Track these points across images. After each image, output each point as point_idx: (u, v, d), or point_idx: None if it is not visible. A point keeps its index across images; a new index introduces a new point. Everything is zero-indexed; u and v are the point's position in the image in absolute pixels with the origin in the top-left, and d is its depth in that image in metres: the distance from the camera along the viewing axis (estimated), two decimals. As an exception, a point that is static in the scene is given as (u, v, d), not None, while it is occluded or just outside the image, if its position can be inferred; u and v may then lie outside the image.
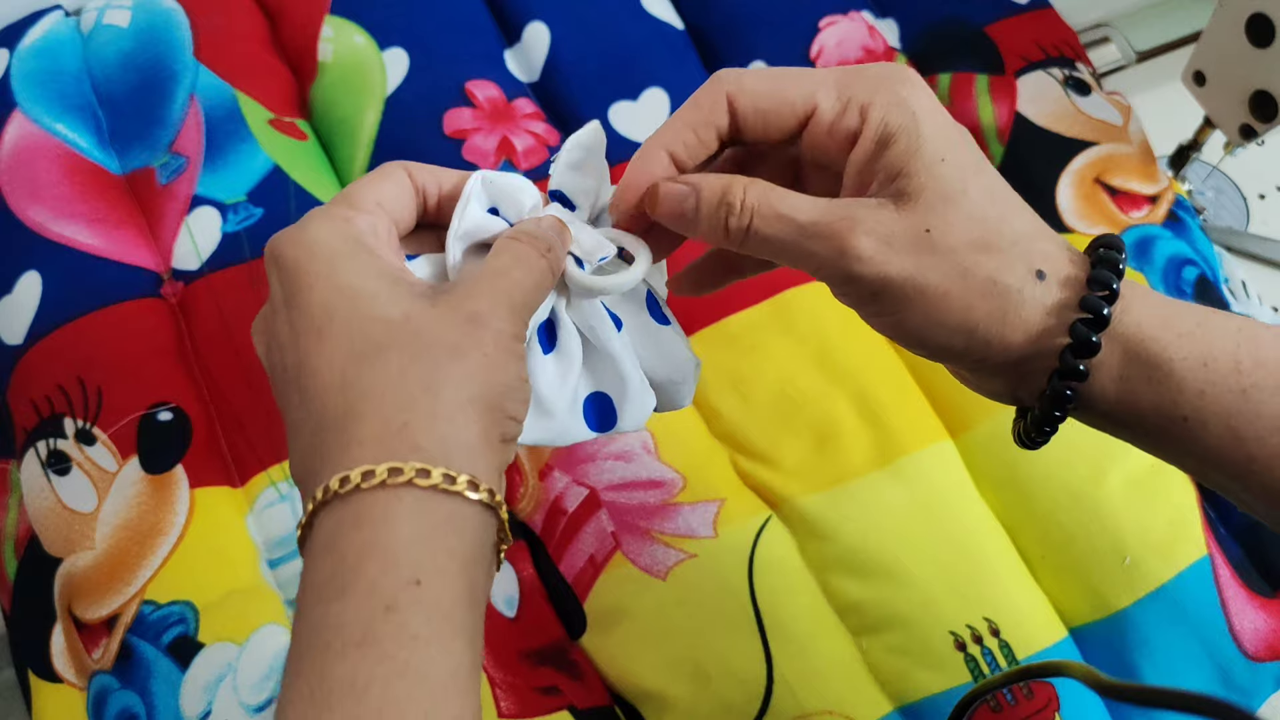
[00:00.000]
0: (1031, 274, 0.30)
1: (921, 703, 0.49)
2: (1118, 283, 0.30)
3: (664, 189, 0.33)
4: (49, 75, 0.60)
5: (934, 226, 0.30)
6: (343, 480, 0.27)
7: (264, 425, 0.52)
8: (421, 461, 0.27)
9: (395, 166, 0.32)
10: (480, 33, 0.64)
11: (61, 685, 0.48)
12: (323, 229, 0.30)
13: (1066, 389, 0.30)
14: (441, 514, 0.27)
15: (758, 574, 0.50)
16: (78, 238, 0.56)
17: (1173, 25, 0.78)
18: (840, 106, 0.31)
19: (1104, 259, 0.31)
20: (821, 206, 0.31)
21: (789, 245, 0.31)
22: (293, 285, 0.29)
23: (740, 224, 0.31)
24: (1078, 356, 0.30)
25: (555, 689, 0.48)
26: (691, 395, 0.37)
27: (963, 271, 0.30)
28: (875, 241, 0.30)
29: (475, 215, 0.32)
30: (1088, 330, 0.30)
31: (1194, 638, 0.50)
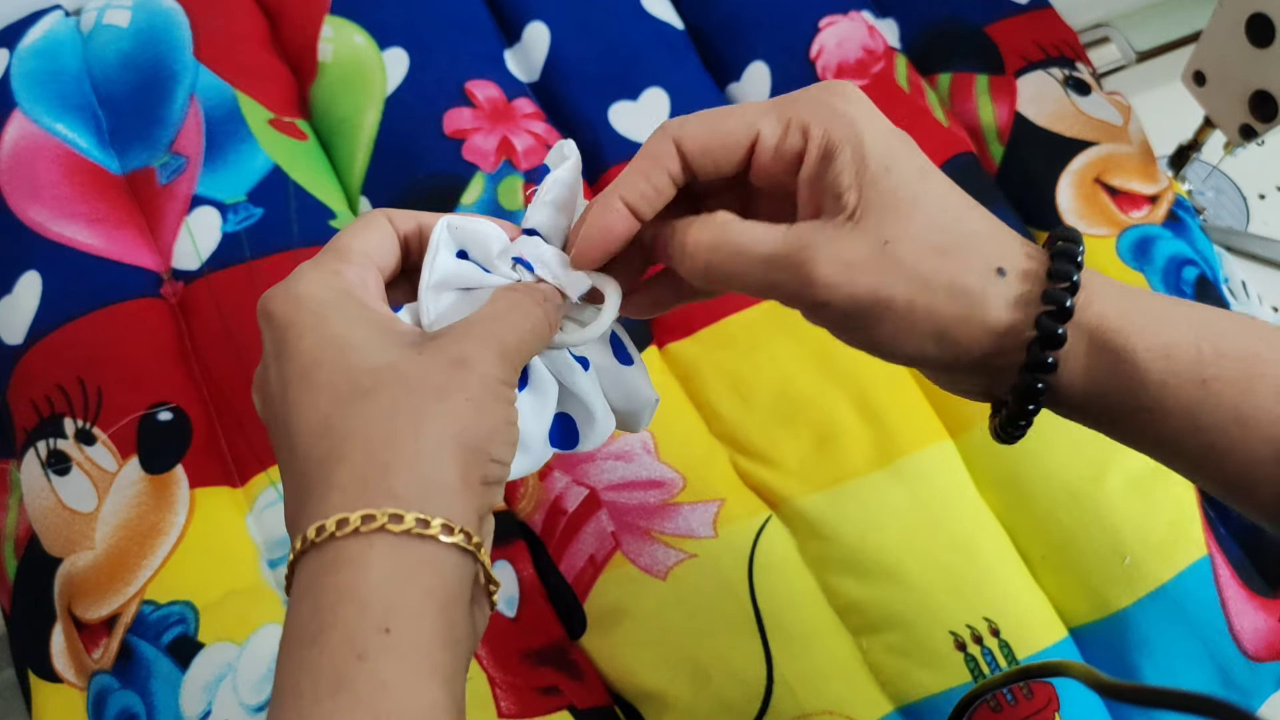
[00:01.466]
0: (992, 272, 0.30)
1: (921, 703, 0.49)
2: (1077, 274, 0.30)
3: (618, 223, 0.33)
4: (49, 75, 0.60)
5: (891, 238, 0.30)
6: (319, 529, 0.27)
7: (264, 426, 0.52)
8: (396, 506, 0.27)
9: (378, 215, 0.33)
10: (480, 33, 0.64)
11: (61, 685, 0.48)
12: (312, 283, 0.30)
13: (1037, 382, 0.31)
14: (414, 558, 0.27)
15: (758, 574, 0.50)
16: (78, 238, 0.56)
17: (1173, 25, 0.78)
18: (782, 130, 0.32)
19: (1061, 251, 0.31)
20: (778, 237, 0.31)
21: (752, 280, 0.32)
22: (282, 337, 0.30)
23: (696, 265, 0.32)
24: (1045, 349, 0.30)
25: (555, 689, 0.48)
26: (647, 424, 0.38)
27: (925, 279, 0.30)
28: (837, 266, 0.30)
29: (445, 264, 0.33)
30: (1053, 323, 0.30)
31: (1194, 638, 0.50)
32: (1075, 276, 0.30)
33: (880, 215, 0.30)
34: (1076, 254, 0.31)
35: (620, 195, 0.33)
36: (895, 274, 0.30)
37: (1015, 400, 0.31)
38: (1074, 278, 0.30)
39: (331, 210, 0.58)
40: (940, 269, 0.30)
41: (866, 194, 0.30)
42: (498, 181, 0.58)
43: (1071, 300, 0.30)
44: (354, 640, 0.26)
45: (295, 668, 0.27)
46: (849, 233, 0.30)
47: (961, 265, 0.30)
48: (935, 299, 0.30)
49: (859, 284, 0.30)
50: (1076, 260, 0.30)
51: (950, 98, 0.65)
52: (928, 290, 0.30)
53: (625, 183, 0.33)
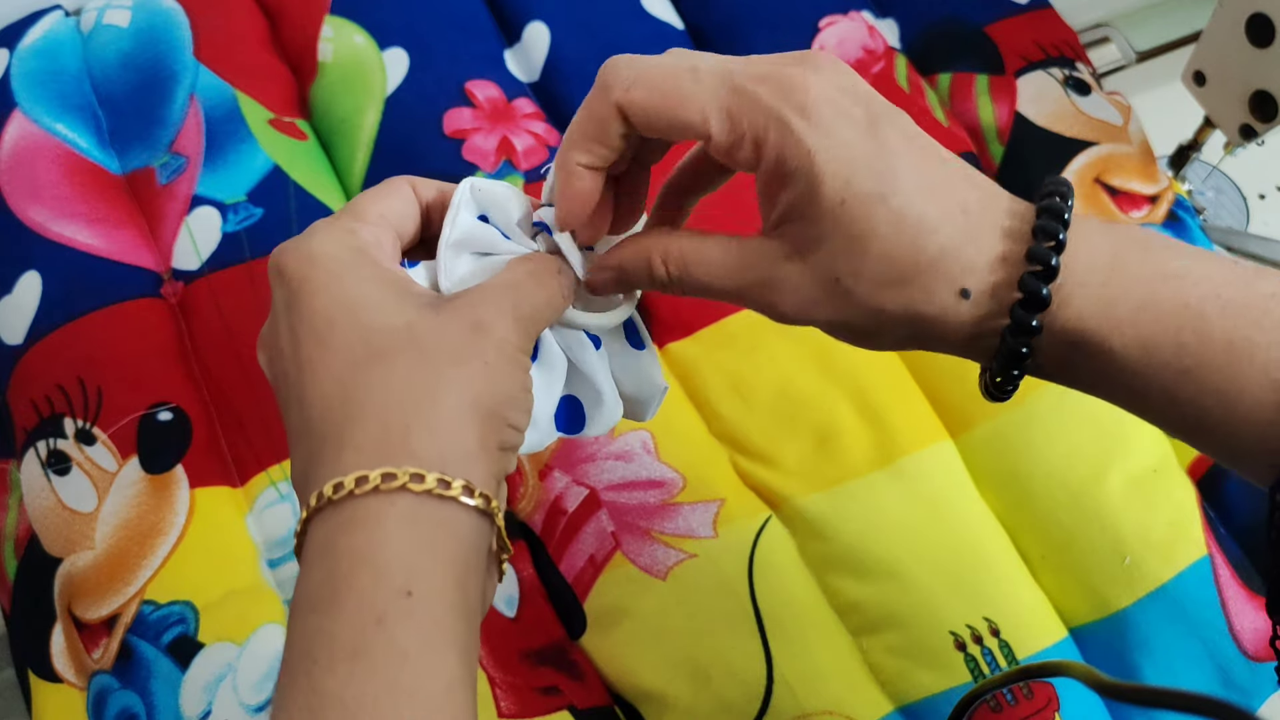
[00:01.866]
0: (955, 295, 0.30)
1: (921, 703, 0.49)
2: (1046, 288, 0.29)
3: (595, 279, 0.34)
4: (49, 75, 0.60)
5: (842, 275, 0.30)
6: (336, 486, 0.27)
7: (264, 425, 0.52)
8: (416, 466, 0.27)
9: (400, 180, 0.32)
10: (480, 33, 0.64)
11: (61, 685, 0.48)
12: (326, 240, 0.30)
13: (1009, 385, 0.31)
14: (435, 520, 0.27)
15: (758, 574, 0.50)
16: (78, 238, 0.56)
17: (1173, 25, 0.78)
18: (734, 138, 0.30)
19: (1035, 254, 0.29)
20: (735, 266, 0.32)
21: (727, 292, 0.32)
22: (294, 294, 0.29)
23: (675, 289, 0.33)
24: (1009, 364, 0.30)
25: (555, 689, 0.48)
26: (654, 413, 0.38)
27: (878, 311, 0.30)
28: (794, 300, 0.31)
29: (466, 223, 0.32)
30: (1016, 342, 0.30)
31: (1194, 638, 0.50)
32: (1045, 291, 0.29)
33: (833, 251, 0.30)
34: (1050, 258, 0.29)
35: (576, 161, 0.32)
36: (847, 307, 0.30)
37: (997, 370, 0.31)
38: (1044, 292, 0.29)
39: (331, 210, 0.58)
40: (894, 300, 0.30)
41: (819, 229, 0.30)
42: (498, 181, 0.58)
43: (1037, 319, 0.29)
44: (372, 604, 0.26)
45: (309, 633, 0.26)
46: (799, 267, 0.30)
47: (917, 294, 0.30)
48: (891, 325, 0.30)
49: (816, 314, 0.31)
50: (1051, 264, 0.29)
51: (950, 98, 0.65)
52: (883, 319, 0.30)
53: (576, 145, 0.32)
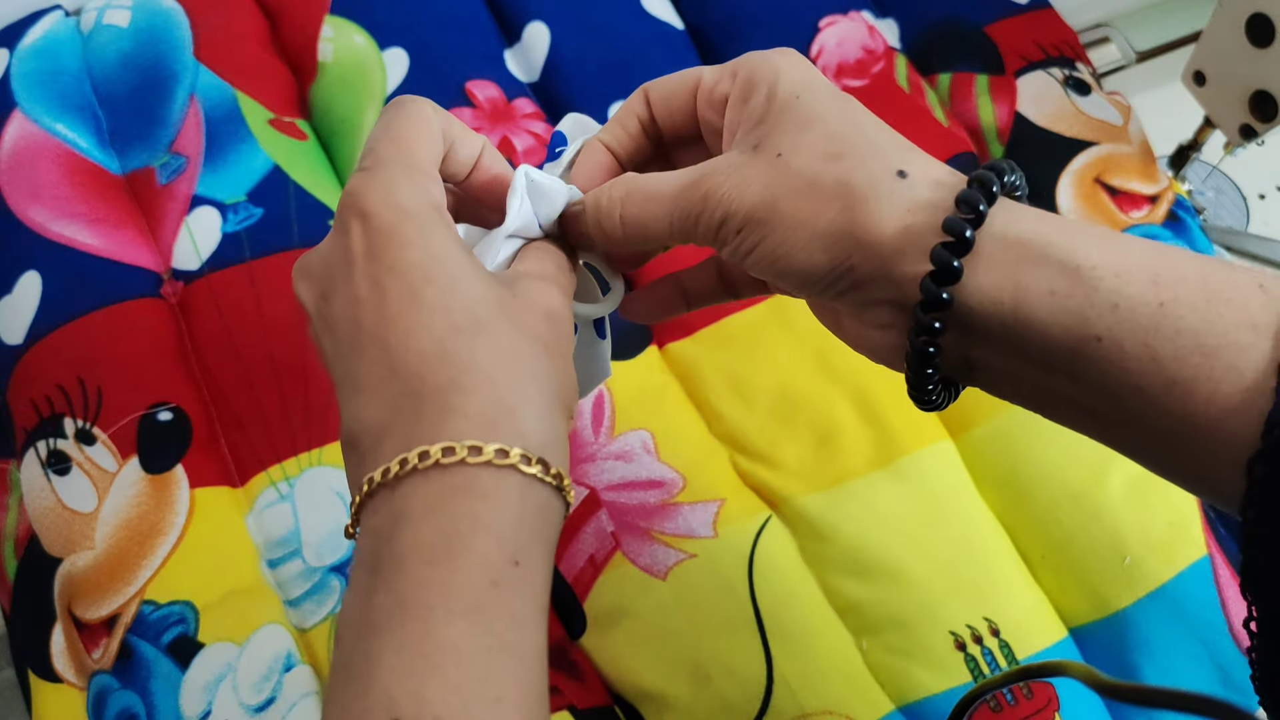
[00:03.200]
0: (890, 174, 0.29)
1: (921, 703, 0.49)
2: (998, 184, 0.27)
3: (569, 213, 0.35)
4: (49, 75, 0.60)
5: (784, 149, 0.30)
6: (446, 450, 0.27)
7: (264, 425, 0.52)
8: (525, 448, 0.28)
9: (429, 111, 0.32)
10: (480, 33, 0.64)
11: (61, 685, 0.48)
12: (409, 192, 0.30)
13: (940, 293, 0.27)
14: (537, 500, 0.28)
15: (758, 574, 0.50)
16: (78, 238, 0.56)
17: (1173, 25, 0.78)
18: (718, 75, 0.33)
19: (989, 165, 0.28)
20: (680, 176, 0.32)
21: (663, 219, 0.32)
22: (383, 243, 0.29)
23: (613, 219, 0.33)
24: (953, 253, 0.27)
25: (555, 689, 0.48)
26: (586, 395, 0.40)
27: (812, 181, 0.29)
28: (733, 180, 0.31)
29: (527, 213, 0.34)
30: (964, 223, 0.27)
31: (1194, 638, 0.50)
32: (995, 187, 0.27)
33: (780, 134, 0.30)
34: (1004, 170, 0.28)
35: (599, 139, 0.36)
36: (783, 181, 0.30)
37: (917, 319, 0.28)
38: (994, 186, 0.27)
39: (331, 210, 0.58)
40: (828, 170, 0.29)
41: (771, 121, 0.31)
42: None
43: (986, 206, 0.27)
44: (489, 567, 0.27)
45: (423, 583, 0.26)
46: (749, 156, 0.31)
47: (852, 166, 0.29)
48: (820, 199, 0.29)
49: (749, 193, 0.30)
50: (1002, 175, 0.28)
51: (950, 98, 0.65)
52: (814, 192, 0.29)
53: (607, 127, 0.36)
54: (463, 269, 0.29)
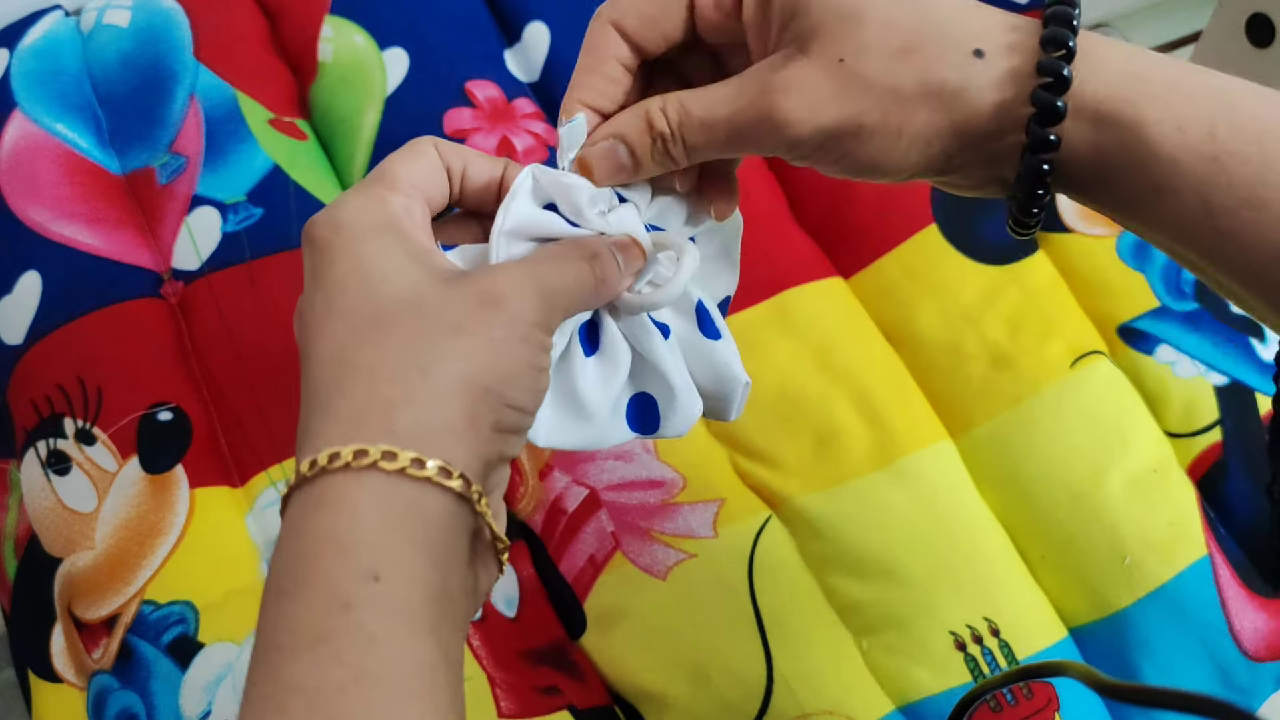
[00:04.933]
0: (968, 57, 0.28)
1: (921, 703, 0.49)
2: (1073, 39, 0.27)
3: (590, 155, 0.32)
4: (49, 75, 0.60)
5: (846, 54, 0.28)
6: (311, 463, 0.26)
7: (264, 425, 0.52)
8: (391, 444, 0.25)
9: (425, 144, 0.31)
10: (480, 33, 0.64)
11: (61, 685, 0.48)
12: (354, 208, 0.29)
13: (1041, 164, 0.28)
14: (406, 500, 0.26)
15: (758, 574, 0.50)
16: (78, 238, 0.56)
17: (1173, 25, 0.78)
18: None
19: (1055, 15, 0.28)
20: (735, 89, 0.30)
21: (728, 143, 0.30)
22: (318, 262, 0.29)
23: (679, 147, 0.31)
24: (1044, 125, 0.28)
25: (555, 689, 0.48)
26: (738, 412, 0.36)
27: (891, 88, 0.28)
28: (798, 99, 0.29)
29: (523, 212, 0.31)
30: (1050, 95, 0.27)
31: (1194, 638, 0.50)
32: (1071, 42, 0.27)
33: (832, 32, 0.28)
34: (1072, 17, 0.28)
35: (577, 99, 0.32)
36: (859, 92, 0.28)
37: (1022, 187, 0.29)
38: (1070, 43, 0.27)
39: (331, 210, 0.58)
40: (906, 72, 0.28)
41: (814, 14, 0.28)
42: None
43: (1069, 69, 0.27)
44: (337, 588, 0.24)
45: (274, 619, 0.25)
46: (802, 63, 0.28)
47: (929, 60, 0.28)
48: (907, 106, 0.28)
49: (824, 112, 0.28)
50: (1072, 24, 0.28)
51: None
52: (898, 99, 0.28)
53: (578, 84, 0.32)
54: (386, 272, 0.28)
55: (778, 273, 0.57)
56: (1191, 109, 0.27)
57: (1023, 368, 0.54)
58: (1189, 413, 0.54)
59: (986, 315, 0.55)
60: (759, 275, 0.57)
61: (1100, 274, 0.57)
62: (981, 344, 0.55)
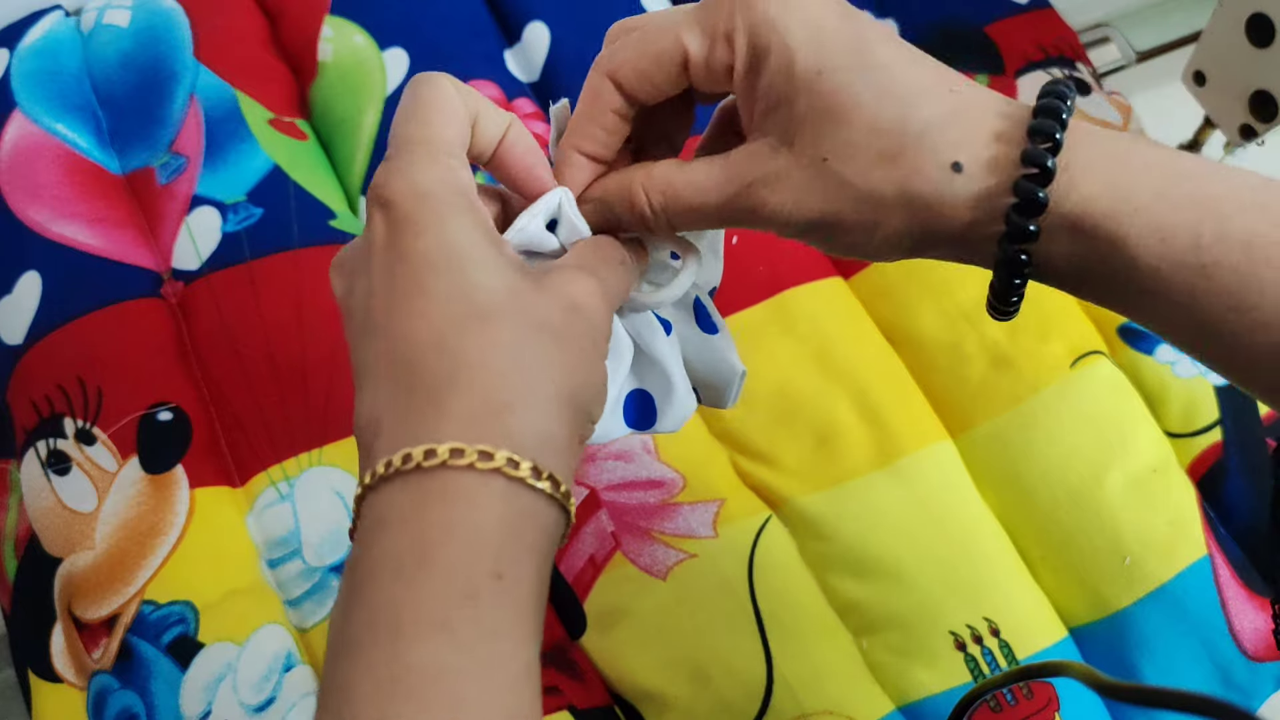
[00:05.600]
0: (945, 170, 0.28)
1: (921, 703, 0.49)
2: (1052, 160, 0.27)
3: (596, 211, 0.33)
4: (49, 75, 0.60)
5: (830, 154, 0.29)
6: (428, 453, 0.26)
7: (264, 425, 0.52)
8: (512, 450, 0.26)
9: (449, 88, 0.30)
10: (480, 33, 0.64)
11: (61, 685, 0.48)
12: (433, 177, 0.29)
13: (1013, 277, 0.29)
14: (524, 507, 0.26)
15: (758, 574, 0.50)
16: (78, 238, 0.56)
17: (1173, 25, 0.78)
18: (708, 43, 0.30)
19: (1037, 129, 0.28)
20: (720, 177, 0.30)
21: (714, 223, 0.31)
22: (399, 230, 0.28)
23: (661, 221, 0.32)
24: (1015, 243, 0.28)
25: (555, 689, 0.48)
26: (735, 399, 0.36)
27: (870, 194, 0.29)
28: (782, 196, 0.29)
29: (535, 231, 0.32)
30: (1022, 220, 0.28)
31: (1194, 638, 0.50)
32: (1049, 162, 0.27)
33: (816, 129, 0.29)
34: (1054, 130, 0.28)
35: (575, 147, 0.33)
36: (840, 193, 0.29)
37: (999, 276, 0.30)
38: (1047, 163, 0.27)
39: (331, 210, 0.58)
40: (886, 180, 0.28)
41: (800, 108, 0.29)
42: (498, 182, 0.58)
43: (1044, 192, 0.27)
44: (464, 579, 0.25)
45: (394, 599, 0.25)
46: (786, 156, 0.29)
47: (909, 171, 0.28)
48: (885, 211, 0.29)
49: (806, 207, 0.29)
50: (1055, 137, 0.28)
51: (950, 98, 0.65)
52: (876, 205, 0.29)
53: (576, 131, 0.33)
54: (476, 257, 0.28)
55: (778, 273, 0.57)
56: (1177, 218, 0.27)
57: (1023, 368, 0.54)
58: (1189, 413, 0.54)
59: (986, 315, 0.55)
60: (759, 275, 0.57)
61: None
62: (981, 344, 0.55)
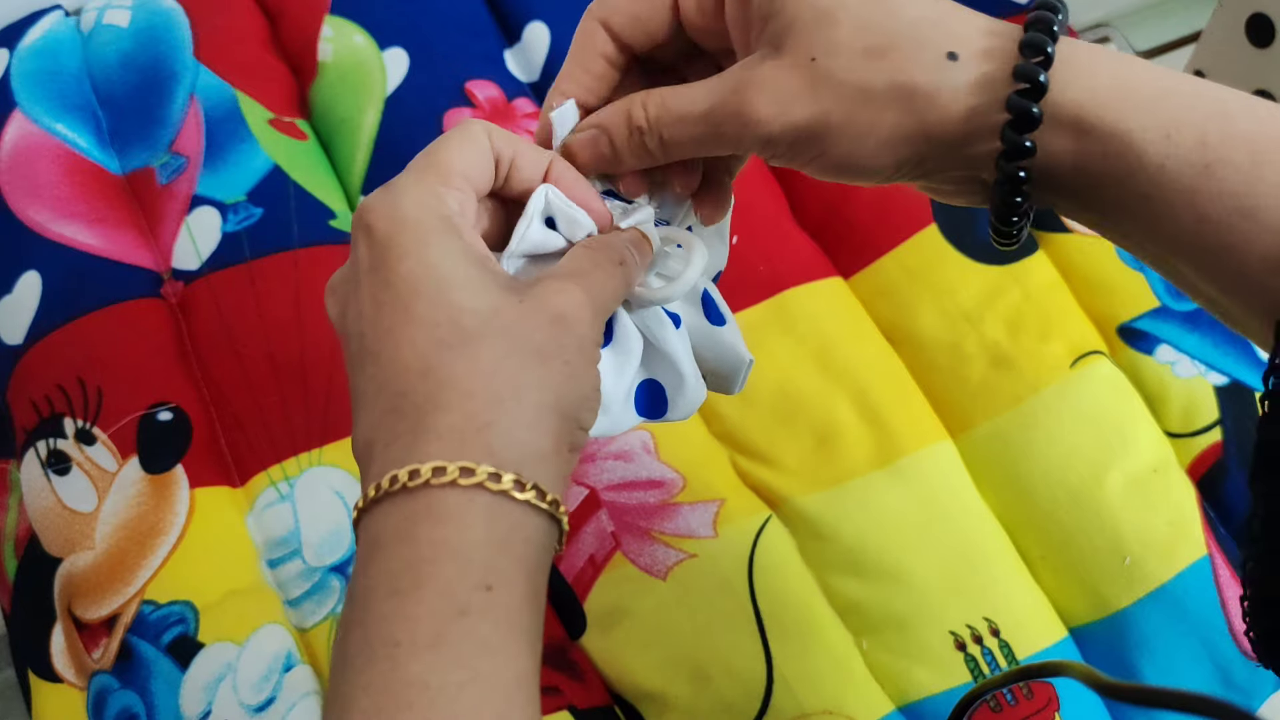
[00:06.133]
0: (941, 59, 0.28)
1: (921, 703, 0.49)
2: (1052, 45, 0.27)
3: (574, 143, 0.32)
4: (49, 75, 0.60)
5: (817, 52, 0.28)
6: (412, 473, 0.26)
7: (264, 425, 0.52)
8: (494, 465, 0.27)
9: (478, 130, 0.31)
10: (480, 33, 0.64)
11: (61, 685, 0.48)
12: (415, 202, 0.29)
13: (1017, 170, 0.28)
14: (511, 520, 0.27)
15: (758, 574, 0.50)
16: (78, 238, 0.56)
17: (1173, 25, 0.78)
18: None
19: (1036, 20, 0.28)
20: (712, 86, 0.30)
21: (702, 139, 0.31)
22: (381, 256, 0.28)
23: (654, 140, 0.31)
24: (1019, 132, 0.27)
25: (555, 689, 0.48)
26: (741, 387, 0.37)
27: (860, 88, 0.28)
28: (769, 97, 0.29)
29: (536, 235, 0.32)
30: (1025, 101, 0.27)
31: (1194, 638, 0.50)
32: (1050, 48, 0.27)
33: (805, 31, 0.28)
34: (1052, 22, 0.28)
35: (561, 90, 0.33)
36: (828, 91, 0.28)
37: (998, 194, 0.29)
38: (1048, 49, 0.27)
39: (331, 210, 0.58)
40: (876, 72, 0.28)
41: (788, 15, 0.29)
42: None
43: (1045, 75, 0.27)
44: (456, 595, 0.26)
45: (388, 617, 0.26)
46: (775, 61, 0.29)
47: (899, 62, 0.28)
48: (877, 107, 0.28)
49: (794, 110, 0.29)
50: (1052, 30, 0.27)
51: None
52: (867, 99, 0.28)
53: (566, 76, 0.33)
54: (458, 279, 0.28)
55: (778, 273, 0.57)
56: (1182, 115, 0.27)
57: (1023, 368, 0.54)
58: (1189, 413, 0.54)
59: (986, 315, 0.55)
60: (759, 275, 0.57)
61: (1100, 274, 0.57)
62: (981, 344, 0.55)
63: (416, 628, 0.25)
